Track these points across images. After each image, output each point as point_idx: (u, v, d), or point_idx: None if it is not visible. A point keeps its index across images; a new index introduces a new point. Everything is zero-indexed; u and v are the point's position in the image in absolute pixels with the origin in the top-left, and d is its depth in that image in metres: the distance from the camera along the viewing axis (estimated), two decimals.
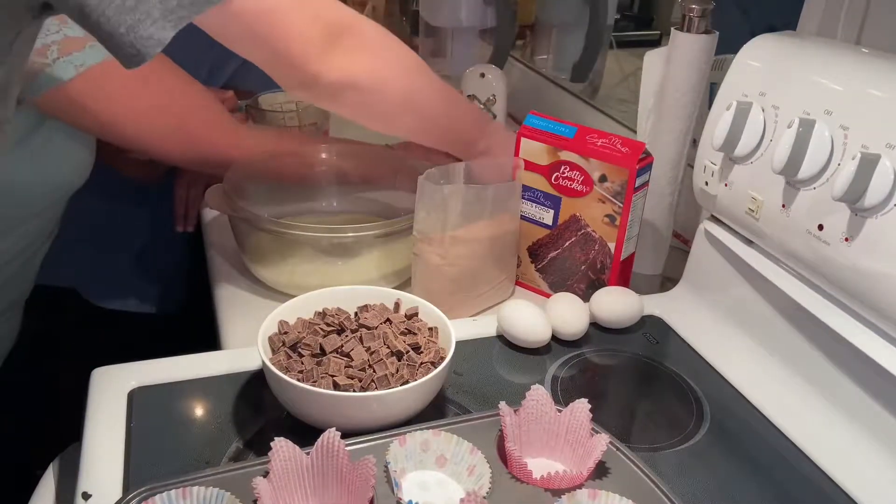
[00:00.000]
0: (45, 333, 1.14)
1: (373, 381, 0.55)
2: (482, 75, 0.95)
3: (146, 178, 1.02)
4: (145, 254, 1.19)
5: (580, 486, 0.49)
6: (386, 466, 0.48)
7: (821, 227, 0.55)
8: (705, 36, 0.70)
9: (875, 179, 0.50)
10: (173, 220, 1.02)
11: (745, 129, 0.61)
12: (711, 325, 0.70)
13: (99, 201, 1.09)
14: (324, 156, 0.94)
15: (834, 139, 0.54)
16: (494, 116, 0.95)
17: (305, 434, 0.50)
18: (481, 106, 0.93)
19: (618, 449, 0.52)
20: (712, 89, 0.75)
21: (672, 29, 0.72)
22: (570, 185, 0.73)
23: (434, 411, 0.58)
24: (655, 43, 1.09)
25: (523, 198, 0.76)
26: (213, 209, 0.76)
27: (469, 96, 0.94)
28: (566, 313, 0.68)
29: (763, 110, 0.60)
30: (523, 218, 0.77)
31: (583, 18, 1.16)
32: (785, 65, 0.61)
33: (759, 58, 0.63)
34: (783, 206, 0.59)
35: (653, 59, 0.76)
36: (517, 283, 0.80)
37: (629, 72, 1.14)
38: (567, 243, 0.75)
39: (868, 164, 0.50)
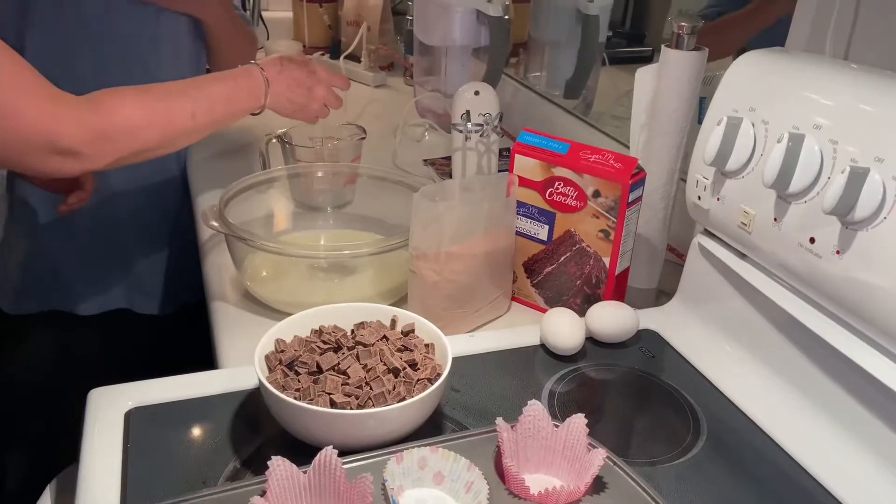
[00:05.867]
0: (46, 355, 1.14)
1: (370, 398, 0.55)
2: (476, 93, 0.95)
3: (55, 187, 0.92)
4: (147, 258, 1.19)
5: (578, 501, 0.49)
6: (383, 484, 0.48)
7: (812, 241, 0.56)
8: (695, 53, 0.71)
9: (864, 193, 0.50)
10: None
11: (735, 143, 0.61)
12: (707, 339, 0.71)
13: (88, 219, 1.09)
14: (320, 174, 0.95)
15: (823, 153, 0.55)
16: (490, 134, 0.96)
17: (303, 452, 0.50)
18: (472, 124, 0.94)
19: (615, 463, 0.52)
20: (701, 104, 0.76)
21: (662, 46, 0.73)
22: (565, 200, 0.73)
23: (431, 428, 0.58)
24: (648, 59, 1.10)
25: (518, 213, 0.77)
26: (209, 228, 0.77)
27: (463, 114, 0.95)
28: (562, 328, 0.69)
29: (753, 125, 0.61)
30: (518, 234, 0.77)
31: (575, 36, 1.17)
32: (774, 80, 0.62)
33: (748, 74, 0.64)
34: (775, 219, 0.59)
35: (644, 76, 0.77)
36: (513, 298, 0.81)
37: (622, 88, 1.15)
38: (562, 258, 0.76)
39: (857, 177, 0.51)
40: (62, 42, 1.01)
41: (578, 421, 0.52)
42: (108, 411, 0.59)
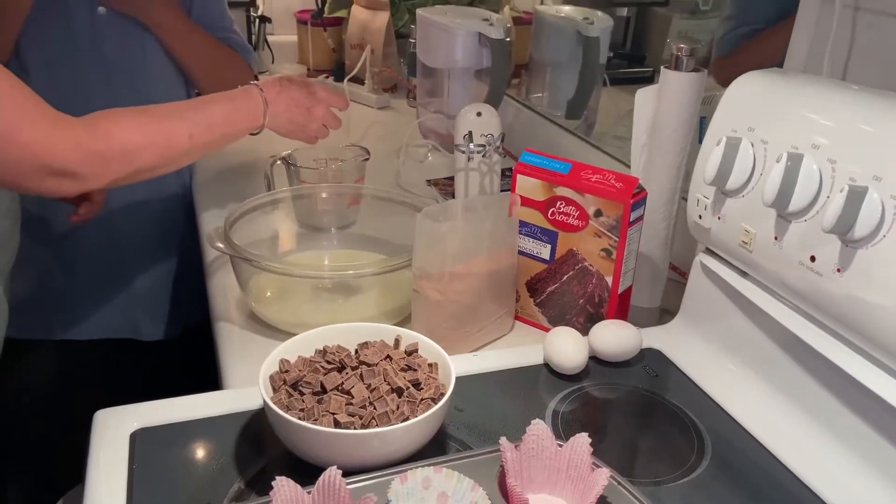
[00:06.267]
0: (50, 378, 1.14)
1: (373, 418, 0.55)
2: (478, 114, 0.96)
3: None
4: (151, 282, 1.19)
5: None
6: None
7: (813, 259, 0.56)
8: (694, 74, 0.72)
9: (863, 211, 0.51)
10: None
11: (735, 163, 0.62)
12: (710, 357, 0.71)
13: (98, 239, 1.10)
14: (324, 195, 0.95)
15: (822, 172, 0.56)
16: (492, 155, 0.97)
17: (307, 473, 0.50)
18: (475, 145, 0.95)
19: (619, 483, 0.52)
20: (702, 123, 0.77)
21: (662, 68, 0.74)
22: (567, 219, 0.74)
23: (435, 448, 0.58)
24: (649, 79, 1.11)
25: (520, 233, 0.77)
26: (214, 249, 0.77)
27: (466, 135, 0.96)
28: (565, 347, 0.69)
29: (752, 145, 0.62)
30: (521, 253, 0.78)
31: (576, 58, 1.18)
32: (772, 101, 0.62)
33: (747, 94, 0.65)
34: (775, 238, 0.60)
35: (644, 97, 0.78)
36: (516, 317, 0.81)
37: (623, 108, 1.16)
38: (565, 277, 0.76)
39: (856, 196, 0.51)
40: (51, 64, 1.03)
41: (582, 440, 0.52)
42: (113, 432, 0.59)
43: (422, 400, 0.57)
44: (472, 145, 0.95)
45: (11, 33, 0.99)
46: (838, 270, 0.54)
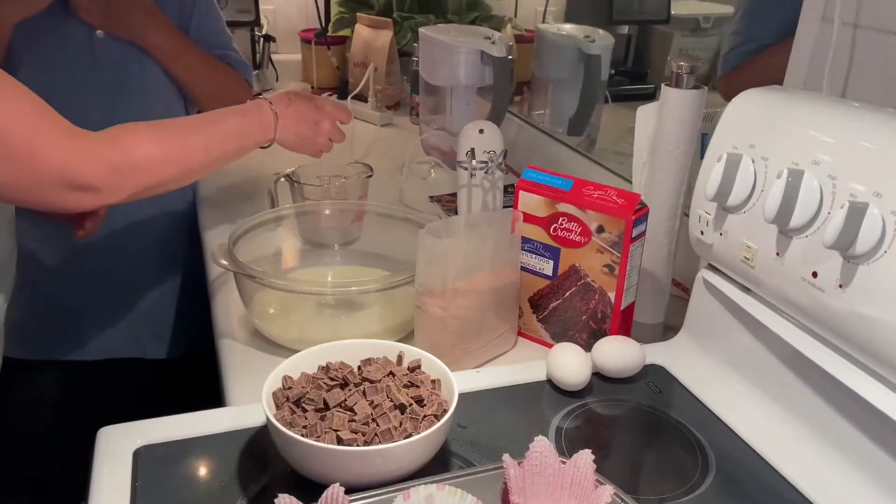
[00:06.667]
0: (52, 399, 1.14)
1: (376, 434, 0.55)
2: (481, 131, 0.97)
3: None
4: (155, 300, 1.19)
5: None
6: None
7: (815, 275, 0.56)
8: (694, 91, 0.73)
9: (864, 227, 0.51)
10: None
11: (736, 179, 0.62)
12: (714, 373, 0.71)
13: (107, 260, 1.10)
14: (327, 212, 0.96)
15: (822, 188, 0.56)
16: (494, 171, 0.97)
17: (310, 490, 0.50)
18: (477, 161, 0.96)
19: (622, 500, 0.52)
20: (704, 139, 0.77)
21: (662, 85, 0.74)
22: (569, 235, 0.74)
23: (438, 465, 0.58)
24: (650, 96, 1.12)
25: (523, 249, 0.77)
26: (218, 266, 0.78)
27: (468, 151, 0.96)
28: (568, 363, 0.69)
29: (753, 161, 0.62)
30: (524, 269, 0.78)
31: (578, 75, 1.19)
32: (772, 117, 0.63)
33: (747, 111, 0.65)
34: (777, 254, 0.60)
35: (645, 114, 0.78)
36: (519, 333, 0.81)
37: (624, 125, 1.17)
38: (567, 293, 0.76)
39: (856, 212, 0.51)
40: (49, 87, 1.03)
41: (586, 457, 0.52)
42: (116, 450, 0.59)
43: (424, 416, 0.57)
44: (474, 162, 0.96)
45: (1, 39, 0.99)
46: (840, 286, 0.54)
